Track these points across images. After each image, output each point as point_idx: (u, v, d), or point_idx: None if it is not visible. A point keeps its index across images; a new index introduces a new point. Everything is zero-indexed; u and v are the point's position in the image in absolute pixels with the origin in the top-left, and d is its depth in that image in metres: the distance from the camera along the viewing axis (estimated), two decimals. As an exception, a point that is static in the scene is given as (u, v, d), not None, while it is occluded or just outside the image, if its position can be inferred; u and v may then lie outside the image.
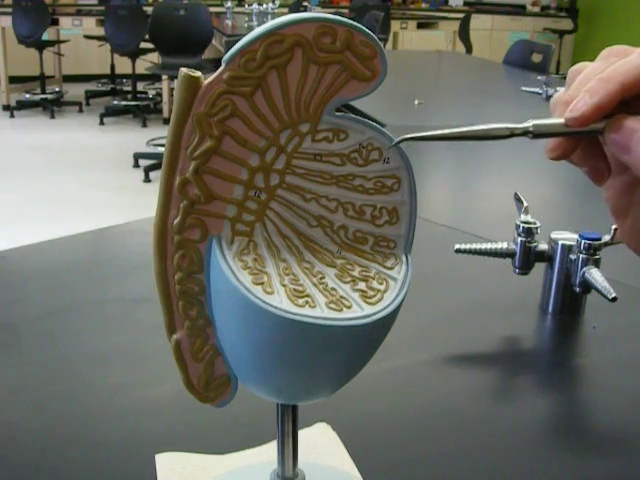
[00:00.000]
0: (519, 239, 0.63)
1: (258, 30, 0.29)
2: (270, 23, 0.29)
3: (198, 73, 0.29)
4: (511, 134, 0.31)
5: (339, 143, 0.31)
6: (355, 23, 0.29)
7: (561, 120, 0.31)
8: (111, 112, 5.44)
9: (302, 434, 0.38)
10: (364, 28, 0.29)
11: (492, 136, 0.31)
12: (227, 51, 0.29)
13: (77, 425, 0.48)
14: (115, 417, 0.49)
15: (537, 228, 0.63)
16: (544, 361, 0.59)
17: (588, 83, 0.31)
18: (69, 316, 0.63)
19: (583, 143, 0.32)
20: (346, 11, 6.10)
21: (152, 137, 4.58)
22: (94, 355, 0.57)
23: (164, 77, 5.07)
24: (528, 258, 0.63)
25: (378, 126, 0.31)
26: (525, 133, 0.31)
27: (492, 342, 0.61)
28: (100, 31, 5.51)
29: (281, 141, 0.30)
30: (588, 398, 0.55)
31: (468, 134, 0.31)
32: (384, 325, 0.30)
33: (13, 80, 5.75)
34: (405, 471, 0.44)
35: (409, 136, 0.31)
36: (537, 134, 0.31)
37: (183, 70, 0.29)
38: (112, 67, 6.16)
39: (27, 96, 5.78)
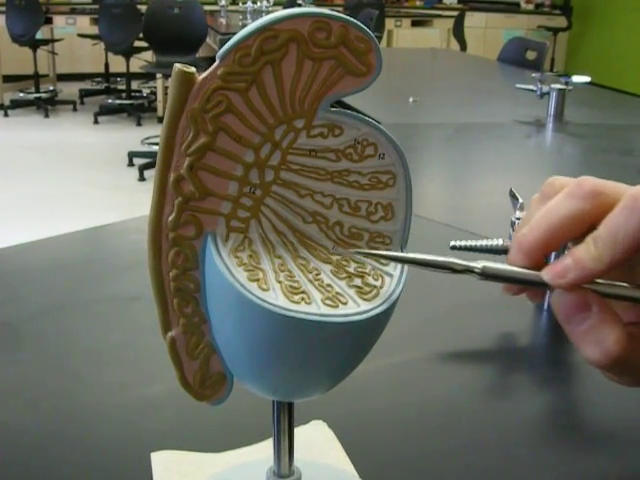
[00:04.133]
0: (514, 235, 0.63)
1: (253, 25, 0.29)
2: (265, 18, 0.29)
3: (192, 69, 0.29)
4: (462, 270, 0.30)
5: (334, 139, 0.31)
6: (350, 18, 0.29)
7: (509, 267, 0.31)
8: (105, 111, 5.43)
9: (298, 431, 0.38)
10: (359, 23, 0.29)
11: (442, 268, 0.31)
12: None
13: (72, 424, 0.48)
14: (110, 415, 0.49)
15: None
16: (541, 358, 0.59)
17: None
18: (63, 315, 0.63)
19: None
20: (340, 9, 6.10)
21: (146, 136, 4.58)
22: (89, 353, 0.56)
23: (158, 76, 5.06)
24: (524, 255, 0.63)
25: (373, 122, 0.31)
26: (473, 272, 0.30)
27: (488, 339, 0.61)
28: (94, 30, 5.51)
29: (276, 137, 0.30)
30: (585, 394, 0.55)
31: (421, 261, 0.30)
32: (380, 321, 0.30)
33: (7, 79, 5.73)
34: (401, 468, 0.44)
35: (364, 251, 0.31)
36: (485, 275, 0.30)
37: (177, 66, 0.28)
38: (106, 66, 6.15)
39: (21, 95, 5.77)
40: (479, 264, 0.30)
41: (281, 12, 0.29)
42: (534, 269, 0.30)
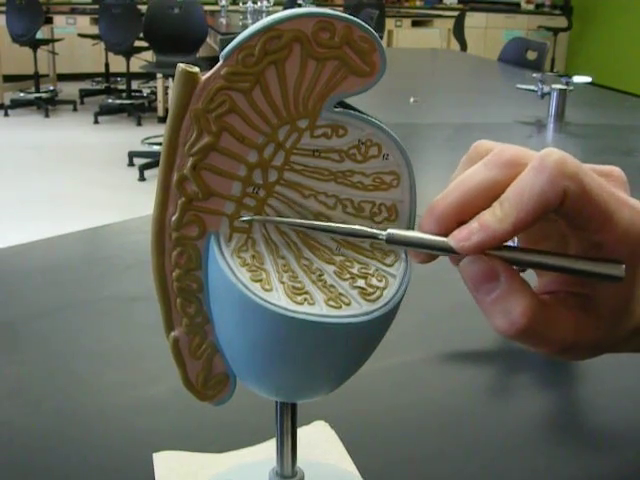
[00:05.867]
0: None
1: (256, 25, 0.28)
2: (268, 18, 0.29)
3: (196, 69, 0.28)
4: (368, 236, 0.30)
5: (338, 139, 0.31)
6: (354, 18, 0.29)
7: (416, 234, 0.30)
8: (105, 111, 5.43)
9: (300, 432, 0.38)
10: (363, 23, 0.29)
11: (347, 234, 0.30)
12: (222, 49, 0.29)
13: (74, 424, 0.48)
14: (112, 416, 0.49)
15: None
16: (541, 358, 0.59)
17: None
18: (65, 315, 0.63)
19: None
20: (340, 9, 6.10)
21: (147, 136, 4.58)
22: (91, 354, 0.56)
23: (158, 75, 5.07)
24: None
25: (377, 122, 0.31)
26: (378, 239, 0.30)
27: (490, 339, 0.61)
28: (94, 29, 5.51)
29: (279, 137, 0.30)
30: (586, 395, 0.55)
31: (326, 228, 0.30)
32: (383, 322, 0.30)
33: (7, 79, 5.74)
34: (403, 468, 0.44)
35: (260, 218, 0.30)
36: (391, 241, 0.30)
37: (181, 65, 0.28)
38: (106, 66, 6.15)
39: (21, 95, 5.77)
40: (385, 230, 0.30)
41: (284, 12, 0.29)
42: (445, 237, 0.29)
